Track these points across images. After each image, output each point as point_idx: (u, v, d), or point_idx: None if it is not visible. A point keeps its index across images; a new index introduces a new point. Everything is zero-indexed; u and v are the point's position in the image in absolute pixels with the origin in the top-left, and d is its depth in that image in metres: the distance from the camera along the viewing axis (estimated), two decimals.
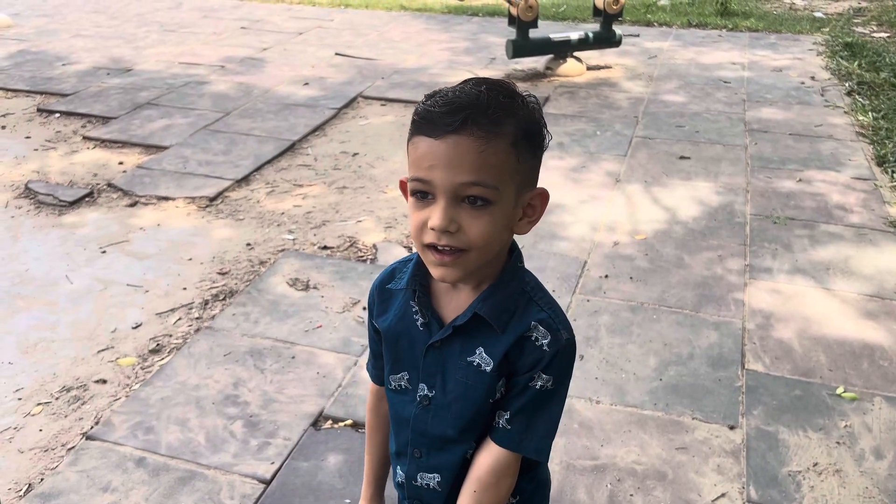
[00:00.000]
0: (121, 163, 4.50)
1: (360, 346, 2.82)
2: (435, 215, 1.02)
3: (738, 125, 5.01)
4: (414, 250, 1.20)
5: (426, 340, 1.17)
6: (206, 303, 3.12)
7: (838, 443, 2.37)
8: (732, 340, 2.84)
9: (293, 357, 2.76)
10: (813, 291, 3.16)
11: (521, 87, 5.76)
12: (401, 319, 1.20)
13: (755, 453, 2.32)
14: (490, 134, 1.00)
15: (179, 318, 3.03)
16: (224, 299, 3.14)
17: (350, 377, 2.65)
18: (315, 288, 3.19)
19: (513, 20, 5.83)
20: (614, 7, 5.88)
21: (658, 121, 5.10)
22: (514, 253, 1.16)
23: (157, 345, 2.87)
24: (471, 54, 6.78)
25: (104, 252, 3.52)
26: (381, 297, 1.24)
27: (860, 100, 5.44)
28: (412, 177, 1.05)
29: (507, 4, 5.83)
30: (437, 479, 1.23)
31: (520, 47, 5.84)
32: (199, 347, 2.82)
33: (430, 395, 1.19)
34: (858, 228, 3.67)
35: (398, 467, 1.29)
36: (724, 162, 4.42)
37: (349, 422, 2.45)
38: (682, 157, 4.44)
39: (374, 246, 3.56)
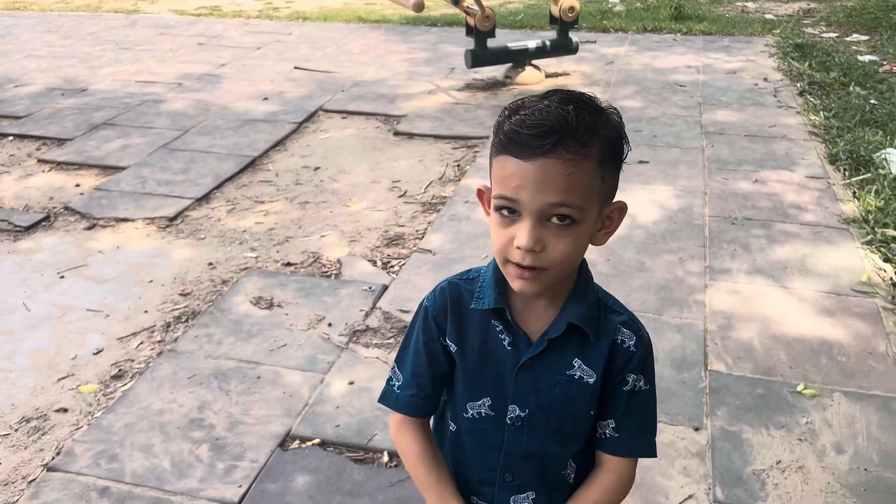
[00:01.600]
0: (77, 185, 4.43)
1: (326, 363, 2.80)
2: (521, 235, 1.02)
3: (695, 128, 5.09)
4: (380, 263, 1.18)
5: (515, 360, 1.14)
6: (169, 325, 3.08)
7: (800, 439, 2.41)
8: (695, 342, 2.88)
9: (258, 377, 2.73)
10: (771, 290, 3.22)
11: (482, 95, 5.82)
12: (485, 342, 1.16)
13: (720, 454, 2.35)
14: (578, 156, 1.00)
15: (141, 342, 2.98)
16: (186, 321, 3.10)
17: (317, 395, 2.63)
18: (279, 306, 3.17)
19: (470, 30, 5.86)
20: (570, 15, 5.94)
21: None
22: (584, 263, 1.17)
23: (119, 370, 2.82)
24: (430, 65, 6.81)
25: (62, 277, 3.45)
26: (455, 317, 1.17)
27: (812, 99, 5.57)
28: (498, 195, 1.05)
29: (464, 14, 5.87)
30: (532, 497, 1.21)
31: (478, 57, 5.88)
32: (163, 371, 2.78)
33: (523, 414, 1.16)
34: (813, 227, 3.75)
35: (480, 498, 1.24)
36: (682, 165, 4.49)
37: (317, 440, 2.43)
38: (640, 162, 4.50)
39: (339, 261, 3.55)
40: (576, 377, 1.14)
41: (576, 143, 1.00)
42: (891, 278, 3.28)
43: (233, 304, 3.19)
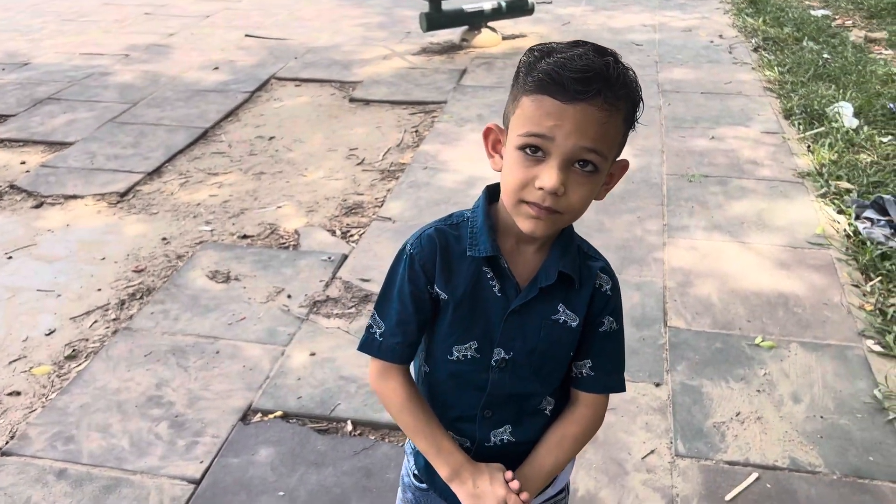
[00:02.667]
0: (23, 162, 4.28)
1: (287, 335, 2.76)
2: (547, 176, 1.03)
3: (652, 87, 5.09)
4: (339, 233, 1.15)
5: (504, 306, 1.17)
6: (123, 303, 3.01)
7: (758, 391, 2.45)
8: (654, 300, 2.90)
9: (217, 352, 2.69)
10: (729, 246, 3.25)
11: (438, 59, 5.74)
12: (475, 287, 1.17)
13: (681, 408, 2.38)
14: (613, 108, 1.03)
15: (95, 321, 2.91)
16: (141, 298, 3.03)
17: (278, 368, 2.60)
18: (236, 279, 3.11)
19: None
20: None
21: None
22: None
23: (73, 350, 2.75)
24: (385, 29, 6.69)
25: (10, 258, 3.35)
26: (444, 264, 1.17)
27: (766, 55, 5.60)
28: (530, 132, 1.04)
29: None
30: (509, 430, 1.25)
31: (433, 20, 5.79)
32: (118, 350, 2.72)
33: (508, 357, 1.19)
34: (769, 181, 3.79)
35: (457, 434, 1.26)
36: (639, 124, 4.48)
37: (279, 413, 2.40)
38: None
39: (296, 231, 3.49)
40: (560, 321, 1.18)
41: (613, 95, 1.02)
42: (844, 230, 3.33)
43: (189, 279, 3.12)
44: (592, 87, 1.01)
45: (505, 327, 1.17)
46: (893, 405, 2.37)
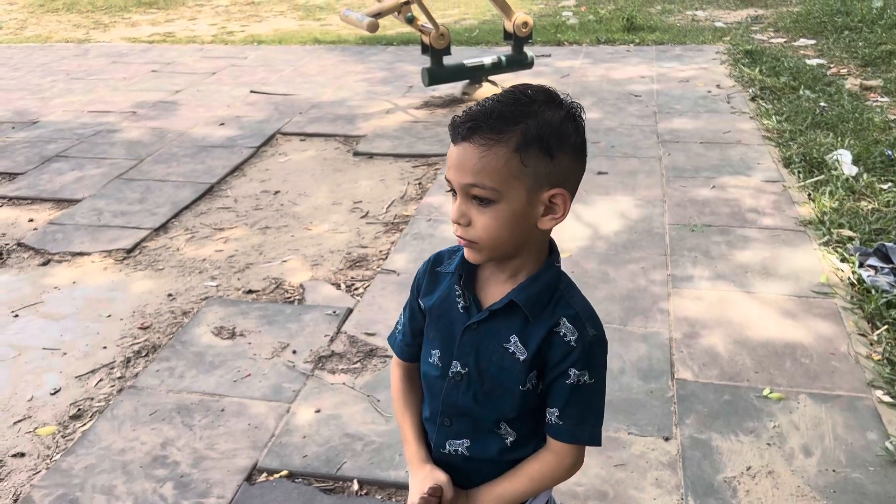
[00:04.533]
0: (31, 220, 4.32)
1: (292, 392, 2.76)
2: (452, 209, 1.20)
3: (651, 137, 5.15)
4: (344, 286, 1.23)
5: (465, 322, 1.27)
6: (129, 360, 3.01)
7: (769, 444, 2.43)
8: (661, 351, 2.89)
9: (222, 410, 2.68)
10: (734, 295, 3.25)
11: (440, 113, 5.83)
12: (444, 300, 1.31)
13: (691, 463, 2.35)
14: (490, 142, 1.13)
15: (101, 380, 2.91)
16: (147, 355, 3.03)
17: (283, 425, 2.58)
18: (241, 335, 3.11)
19: (426, 48, 5.88)
20: (524, 30, 5.99)
21: None
22: (553, 252, 1.28)
23: (79, 410, 2.74)
24: (388, 84, 6.81)
25: (17, 316, 3.36)
26: (430, 277, 1.35)
27: (764, 104, 5.67)
28: (445, 174, 1.21)
29: (419, 33, 5.88)
30: (465, 445, 1.33)
31: (435, 75, 5.89)
32: (123, 409, 2.71)
33: (463, 371, 1.29)
34: (772, 230, 3.80)
35: (427, 435, 1.40)
36: (641, 174, 4.54)
37: (284, 472, 2.38)
38: (599, 173, 4.53)
39: (301, 286, 3.51)
40: (510, 351, 1.25)
41: (489, 130, 1.13)
42: (848, 278, 3.33)
43: (194, 335, 3.13)
44: (467, 126, 1.14)
45: (461, 342, 1.28)
46: None
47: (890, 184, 4.21)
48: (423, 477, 1.33)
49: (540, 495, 1.36)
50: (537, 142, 1.13)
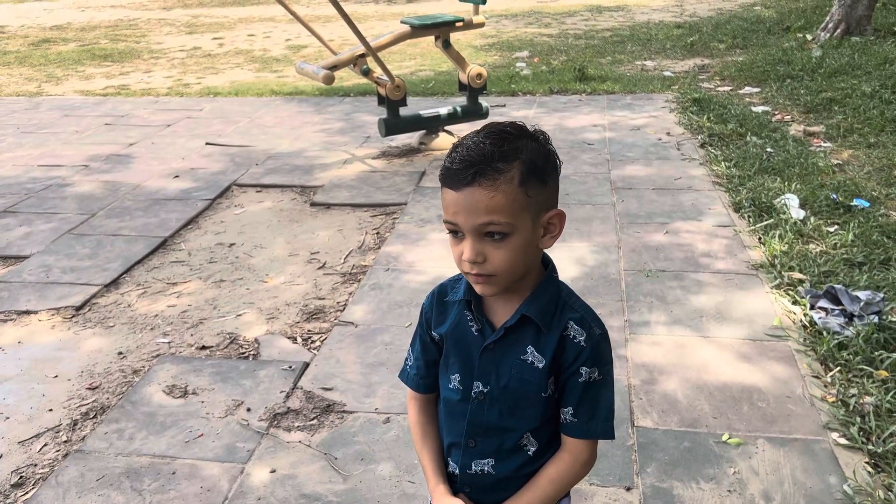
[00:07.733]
0: None
1: (246, 451, 2.68)
2: (466, 250, 1.25)
3: (605, 184, 5.23)
4: (301, 339, 1.19)
5: (481, 343, 1.36)
6: (75, 423, 2.90)
7: (729, 490, 2.42)
8: (620, 398, 2.88)
9: (174, 473, 2.58)
10: (690, 340, 3.28)
11: (398, 162, 5.86)
12: (457, 327, 1.39)
13: None
14: (497, 181, 1.21)
15: (45, 444, 2.79)
16: (95, 417, 2.93)
17: (237, 487, 2.50)
18: (194, 393, 3.03)
19: (382, 99, 5.93)
20: (478, 81, 6.09)
21: None
22: (550, 266, 1.38)
23: (21, 477, 2.63)
24: (345, 134, 6.83)
25: None
26: (439, 309, 1.44)
27: (713, 151, 5.82)
28: (445, 219, 1.27)
29: (375, 84, 5.93)
30: (491, 463, 1.40)
31: (391, 125, 5.93)
32: (69, 474, 2.60)
33: (485, 390, 1.37)
34: (725, 274, 3.86)
35: (450, 459, 1.45)
36: (595, 221, 4.59)
37: None
38: None
39: (256, 340, 3.44)
40: (528, 361, 1.33)
41: (492, 171, 1.21)
42: (800, 320, 3.39)
43: (145, 394, 3.03)
44: (470, 172, 1.21)
45: (481, 363, 1.36)
46: (864, 501, 2.35)
47: (836, 226, 4.32)
48: None
49: (562, 501, 1.44)
50: (534, 172, 1.24)
